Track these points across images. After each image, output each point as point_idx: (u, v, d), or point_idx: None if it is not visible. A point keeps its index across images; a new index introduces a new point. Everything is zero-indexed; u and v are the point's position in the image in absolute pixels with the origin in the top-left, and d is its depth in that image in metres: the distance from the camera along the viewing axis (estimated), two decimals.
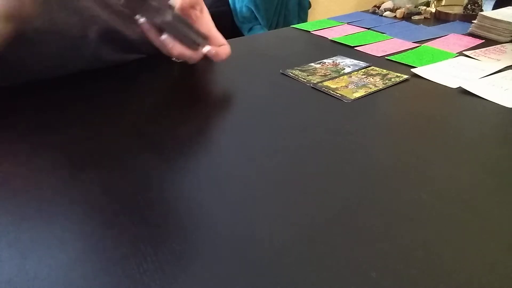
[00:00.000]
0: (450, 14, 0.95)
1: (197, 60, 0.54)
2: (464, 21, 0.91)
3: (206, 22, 0.56)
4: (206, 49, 0.53)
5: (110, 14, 0.59)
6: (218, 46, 0.55)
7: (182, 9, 0.51)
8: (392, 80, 0.58)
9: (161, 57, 0.69)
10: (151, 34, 0.52)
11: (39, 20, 0.51)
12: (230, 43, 0.66)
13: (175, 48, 0.52)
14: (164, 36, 0.51)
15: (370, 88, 0.55)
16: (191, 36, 0.52)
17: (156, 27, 0.51)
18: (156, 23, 0.50)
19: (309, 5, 1.91)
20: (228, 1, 1.69)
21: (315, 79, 0.59)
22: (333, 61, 0.66)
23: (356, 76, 0.60)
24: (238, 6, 1.66)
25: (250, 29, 1.68)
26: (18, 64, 0.52)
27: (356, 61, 0.66)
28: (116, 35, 0.60)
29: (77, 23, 0.55)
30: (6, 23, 0.43)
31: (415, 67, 0.63)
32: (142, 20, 0.50)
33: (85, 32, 0.56)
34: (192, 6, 0.53)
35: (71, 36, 0.55)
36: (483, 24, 0.80)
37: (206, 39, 0.54)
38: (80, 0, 0.54)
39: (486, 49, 0.72)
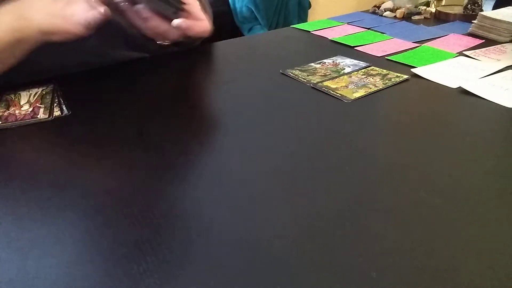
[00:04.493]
0: (450, 14, 0.95)
1: (174, 36, 0.51)
2: (464, 21, 0.91)
3: None
4: (175, 22, 0.49)
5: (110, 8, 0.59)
6: (192, 21, 0.51)
7: None
8: (392, 80, 0.58)
9: (162, 56, 0.69)
10: (130, 13, 0.50)
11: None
12: (230, 43, 0.66)
13: (151, 20, 0.49)
14: (139, 6, 0.48)
15: (370, 88, 0.55)
16: (168, 9, 0.49)
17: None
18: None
19: (309, 5, 1.91)
20: (228, 1, 1.69)
21: (315, 79, 0.59)
22: (333, 61, 0.66)
23: (356, 76, 0.60)
24: (238, 6, 1.66)
25: (250, 29, 1.68)
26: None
27: (356, 61, 0.66)
28: (116, 30, 0.61)
29: None
30: (47, 36, 0.47)
31: (415, 67, 0.63)
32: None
33: None
34: None
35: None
36: (483, 24, 0.80)
37: (182, 11, 0.50)
38: None
39: (486, 49, 0.72)
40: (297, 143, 0.43)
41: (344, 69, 0.63)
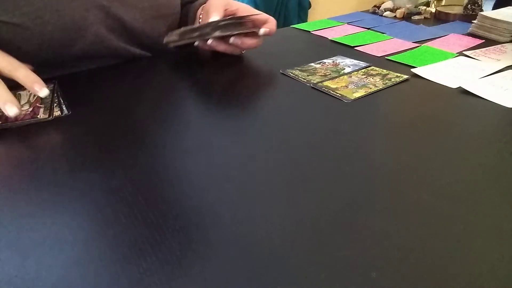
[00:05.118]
0: (450, 14, 0.95)
1: (260, 44, 0.64)
2: (464, 21, 0.91)
3: (244, 11, 0.63)
4: (261, 32, 0.61)
5: (112, 1, 0.59)
6: (265, 24, 0.62)
7: (223, 16, 0.59)
8: (392, 80, 0.58)
9: (162, 56, 0.69)
10: (220, 46, 0.62)
11: (41, 3, 0.52)
12: None
13: (244, 43, 0.61)
14: (232, 40, 0.60)
15: (370, 88, 0.55)
16: (246, 29, 0.60)
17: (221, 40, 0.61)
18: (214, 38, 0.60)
19: (309, 5, 1.91)
20: None
21: (315, 79, 0.59)
22: (333, 61, 0.66)
23: (356, 76, 0.60)
24: None
25: None
26: (18, 40, 0.53)
27: (356, 61, 0.66)
28: (117, 22, 0.61)
29: (77, 7, 0.55)
30: None
31: (415, 67, 0.63)
32: (209, 42, 0.60)
33: (85, 15, 0.56)
34: (225, 9, 0.61)
35: (72, 18, 0.55)
36: (483, 24, 0.80)
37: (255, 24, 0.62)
38: None
39: (486, 49, 0.72)
40: (297, 143, 0.43)
41: (344, 69, 0.63)
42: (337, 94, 0.53)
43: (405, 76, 0.59)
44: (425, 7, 0.99)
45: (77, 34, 0.57)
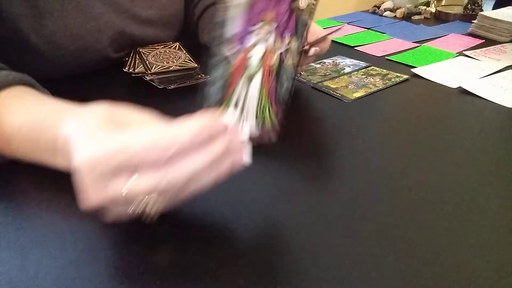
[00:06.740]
0: (450, 14, 0.95)
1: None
2: (464, 21, 0.91)
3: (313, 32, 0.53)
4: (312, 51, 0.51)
5: (125, 19, 0.59)
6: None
7: None
8: (392, 80, 0.58)
9: None
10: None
11: (54, 26, 0.52)
12: None
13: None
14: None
15: (370, 88, 0.55)
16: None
17: None
18: None
19: None
20: None
21: (315, 79, 0.59)
22: (333, 61, 0.66)
23: (356, 76, 0.60)
24: None
25: None
26: (29, 60, 0.53)
27: (356, 61, 0.66)
28: (129, 39, 0.61)
29: (92, 29, 0.55)
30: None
31: (415, 67, 0.63)
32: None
33: (99, 38, 0.56)
34: None
35: (86, 41, 0.55)
36: (483, 24, 0.80)
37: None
38: (94, 7, 0.54)
39: (486, 49, 0.72)
40: (297, 143, 0.43)
41: (344, 69, 0.63)
42: (337, 94, 0.53)
43: (405, 76, 0.59)
44: (425, 7, 0.99)
45: (89, 57, 0.57)
